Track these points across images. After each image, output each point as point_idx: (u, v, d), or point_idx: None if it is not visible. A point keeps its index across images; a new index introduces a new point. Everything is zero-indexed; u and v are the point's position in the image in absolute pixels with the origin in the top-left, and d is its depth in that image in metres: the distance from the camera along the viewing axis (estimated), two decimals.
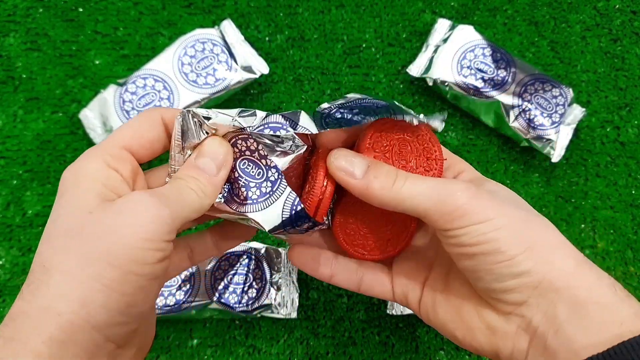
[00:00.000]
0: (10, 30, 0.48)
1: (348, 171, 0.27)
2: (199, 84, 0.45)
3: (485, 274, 0.26)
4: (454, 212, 0.25)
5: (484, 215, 0.25)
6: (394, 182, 0.26)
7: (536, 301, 0.25)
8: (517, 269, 0.25)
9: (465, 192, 0.26)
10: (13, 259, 0.46)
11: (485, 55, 0.46)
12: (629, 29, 0.50)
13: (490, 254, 0.25)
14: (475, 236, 0.25)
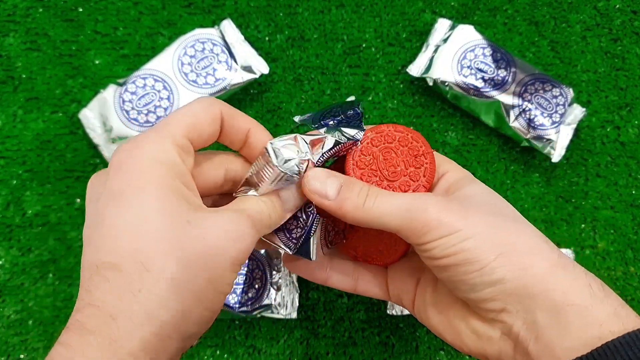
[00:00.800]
0: (10, 30, 0.48)
1: (321, 193, 0.27)
2: (199, 84, 0.45)
3: (461, 284, 0.26)
4: (423, 228, 0.26)
5: (452, 227, 0.25)
6: (364, 201, 0.27)
7: (514, 308, 0.25)
8: (490, 277, 0.25)
9: (435, 206, 0.26)
10: (13, 259, 0.46)
11: (486, 55, 0.46)
12: (629, 28, 0.50)
13: (462, 265, 0.25)
14: (445, 248, 0.25)
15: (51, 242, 0.46)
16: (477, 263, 0.25)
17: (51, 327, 0.45)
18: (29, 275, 0.45)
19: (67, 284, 0.45)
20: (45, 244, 0.46)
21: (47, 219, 0.46)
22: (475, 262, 0.25)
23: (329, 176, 0.27)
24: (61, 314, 0.45)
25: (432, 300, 0.30)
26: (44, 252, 0.46)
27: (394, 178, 0.29)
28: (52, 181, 0.47)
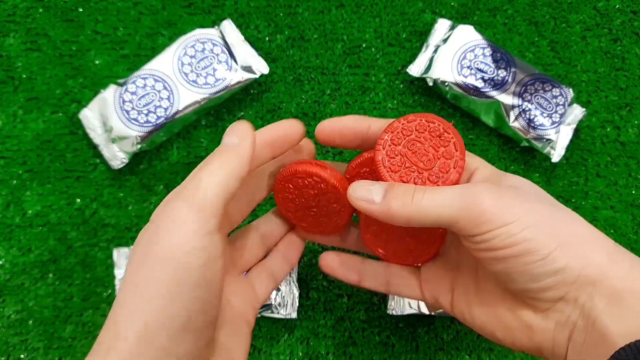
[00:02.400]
0: (10, 30, 0.48)
1: (368, 199, 0.27)
2: (199, 84, 0.45)
3: (519, 275, 0.25)
4: (479, 217, 0.24)
5: (511, 215, 0.24)
6: (412, 197, 0.26)
7: (574, 296, 0.25)
8: (553, 266, 0.24)
9: (489, 194, 0.25)
10: (13, 259, 0.46)
11: (486, 55, 0.46)
12: (629, 29, 0.50)
13: (523, 255, 0.24)
14: (505, 238, 0.24)
15: (51, 242, 0.46)
16: (539, 253, 0.24)
17: (51, 327, 0.45)
18: (29, 275, 0.45)
19: (67, 283, 0.45)
20: (46, 244, 0.46)
21: (47, 219, 0.46)
22: (536, 251, 0.24)
23: (373, 183, 0.27)
24: (61, 314, 0.45)
25: (477, 298, 0.29)
26: (44, 252, 0.46)
27: (430, 165, 0.29)
28: (52, 181, 0.47)
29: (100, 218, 0.46)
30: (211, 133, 0.48)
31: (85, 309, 0.45)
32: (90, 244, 0.46)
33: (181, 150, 0.48)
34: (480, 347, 0.45)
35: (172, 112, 0.44)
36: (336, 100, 0.49)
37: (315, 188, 0.31)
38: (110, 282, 0.45)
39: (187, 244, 0.23)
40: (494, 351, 0.45)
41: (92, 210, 0.46)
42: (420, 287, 0.32)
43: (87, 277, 0.46)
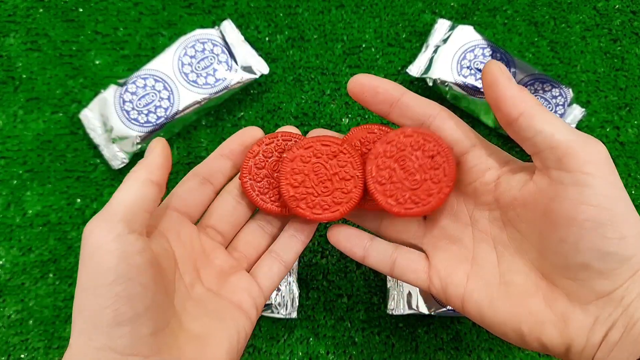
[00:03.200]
0: (10, 31, 0.49)
1: (506, 73, 0.27)
2: (199, 84, 0.45)
3: (589, 248, 0.24)
4: (590, 153, 0.24)
5: (614, 176, 0.24)
6: (539, 108, 0.26)
7: (621, 294, 0.24)
8: (624, 250, 0.23)
9: (604, 148, 0.25)
10: (13, 259, 0.46)
11: (485, 55, 0.46)
12: (628, 29, 0.50)
13: (604, 226, 0.23)
14: (600, 194, 0.23)
15: (52, 242, 0.46)
16: (619, 231, 0.23)
17: (51, 327, 0.45)
18: (29, 275, 0.46)
19: (67, 283, 0.46)
20: (46, 243, 0.46)
21: (48, 219, 0.46)
22: (617, 228, 0.23)
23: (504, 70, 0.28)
24: (62, 314, 0.45)
25: (503, 290, 0.27)
26: (44, 252, 0.46)
27: (416, 186, 0.29)
28: (52, 181, 0.47)
29: None
30: (211, 133, 0.48)
31: None
32: None
33: (181, 150, 0.48)
34: (479, 347, 0.45)
35: (173, 112, 0.44)
36: (336, 101, 0.49)
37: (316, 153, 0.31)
38: None
39: (97, 248, 0.24)
40: (494, 351, 0.45)
41: (92, 210, 0.47)
42: (428, 274, 0.30)
43: None
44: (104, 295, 0.24)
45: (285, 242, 0.33)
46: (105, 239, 0.24)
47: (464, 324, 0.45)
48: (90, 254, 0.24)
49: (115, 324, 0.23)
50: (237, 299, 0.30)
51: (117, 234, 0.24)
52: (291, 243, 0.33)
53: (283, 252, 0.32)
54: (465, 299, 0.28)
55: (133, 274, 0.24)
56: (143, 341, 0.24)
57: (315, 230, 0.34)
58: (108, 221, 0.24)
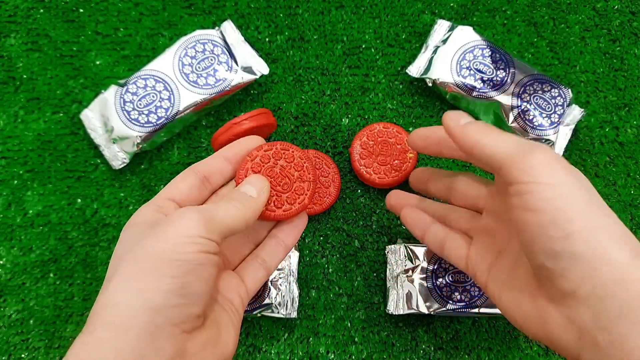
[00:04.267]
0: (11, 31, 0.49)
1: (456, 120, 0.30)
2: (200, 85, 0.45)
3: (540, 249, 0.25)
4: (527, 164, 0.26)
5: (553, 178, 0.25)
6: (482, 131, 0.29)
7: (586, 294, 0.24)
8: (571, 248, 0.24)
9: (545, 152, 0.26)
10: (14, 259, 0.46)
11: (485, 55, 0.46)
12: (627, 29, 0.50)
13: (548, 225, 0.24)
14: (538, 199, 0.25)
15: (52, 241, 0.46)
16: (563, 228, 0.24)
17: (52, 327, 0.45)
18: (30, 275, 0.46)
19: (68, 283, 0.46)
20: (46, 243, 0.46)
21: (48, 219, 0.46)
22: (560, 225, 0.24)
23: (465, 114, 0.31)
24: (62, 314, 0.45)
25: (507, 282, 0.30)
26: (45, 252, 0.46)
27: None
28: (53, 181, 0.47)
29: (101, 218, 0.47)
30: (211, 133, 0.48)
31: (86, 308, 0.45)
32: (91, 243, 0.46)
33: (182, 150, 0.48)
34: (479, 347, 0.45)
35: (173, 112, 0.44)
36: (336, 101, 0.49)
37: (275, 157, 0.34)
38: None
39: (187, 236, 0.26)
40: (493, 351, 0.45)
41: (92, 210, 0.47)
42: (466, 259, 0.34)
43: (87, 277, 0.46)
44: (178, 267, 0.25)
45: (271, 249, 0.35)
46: (197, 234, 0.26)
47: (463, 323, 0.45)
48: (177, 234, 0.26)
49: (178, 295, 0.25)
50: (230, 296, 0.32)
51: (208, 238, 0.27)
52: (277, 250, 0.35)
53: (268, 258, 0.35)
54: (487, 285, 0.32)
55: (205, 264, 0.27)
56: (189, 318, 0.26)
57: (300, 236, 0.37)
58: (209, 228, 0.27)
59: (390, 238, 0.47)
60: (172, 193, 0.32)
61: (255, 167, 0.33)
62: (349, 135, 0.48)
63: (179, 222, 0.27)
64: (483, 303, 0.42)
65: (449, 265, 0.42)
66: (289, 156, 0.34)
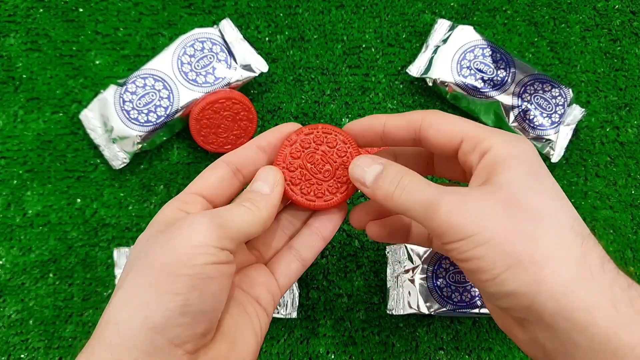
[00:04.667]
0: (10, 31, 0.49)
1: (361, 180, 0.28)
2: (199, 83, 0.45)
3: (481, 290, 0.25)
4: (437, 229, 0.24)
5: (463, 231, 0.24)
6: (393, 190, 0.27)
7: (535, 321, 0.23)
8: (503, 289, 0.23)
9: (447, 205, 0.24)
10: (13, 259, 0.46)
11: (485, 55, 0.46)
12: (628, 29, 0.50)
13: (475, 272, 0.24)
14: (459, 253, 0.24)
15: (52, 242, 0.46)
16: (488, 273, 0.23)
17: (52, 327, 0.45)
18: (29, 275, 0.46)
19: (67, 283, 0.46)
20: (46, 243, 0.46)
21: (48, 219, 0.46)
22: (486, 271, 0.23)
23: (372, 163, 0.28)
24: (62, 314, 0.45)
25: None
26: (44, 252, 0.46)
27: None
28: (52, 181, 0.47)
29: (101, 218, 0.46)
30: None
31: (85, 308, 0.45)
32: (91, 243, 0.46)
33: (182, 150, 0.48)
34: (479, 347, 0.45)
35: (172, 111, 0.44)
36: (336, 101, 0.49)
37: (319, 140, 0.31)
38: (110, 282, 0.45)
39: (195, 245, 0.24)
40: (493, 351, 0.45)
41: (92, 210, 0.47)
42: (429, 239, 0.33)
43: (87, 277, 0.46)
44: (183, 283, 0.24)
45: (306, 239, 0.32)
46: (207, 243, 0.24)
47: (463, 323, 0.45)
48: (185, 245, 0.24)
49: (180, 313, 0.23)
50: (256, 293, 0.30)
51: (220, 247, 0.25)
52: (312, 241, 0.32)
53: (303, 249, 0.32)
54: None
55: (215, 277, 0.25)
56: (193, 337, 0.24)
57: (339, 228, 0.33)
58: (221, 235, 0.25)
59: None
60: (201, 186, 0.29)
61: (295, 153, 0.31)
62: None
63: (188, 230, 0.25)
64: (483, 303, 0.42)
65: (449, 265, 0.42)
66: (331, 141, 0.31)
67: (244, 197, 0.28)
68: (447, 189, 0.25)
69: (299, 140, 0.31)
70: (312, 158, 0.31)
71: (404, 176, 0.27)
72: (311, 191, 0.31)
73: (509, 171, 0.25)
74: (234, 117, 0.46)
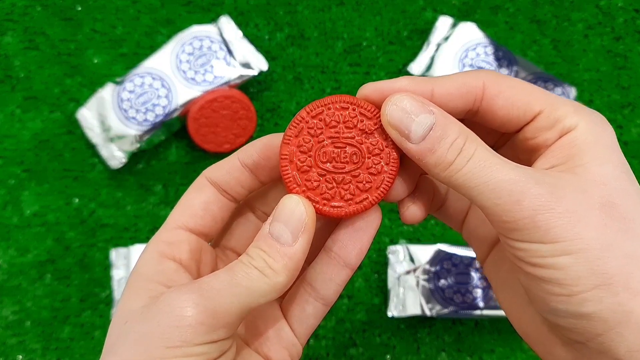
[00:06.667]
0: (7, 29, 0.48)
1: (402, 131, 0.20)
2: (198, 81, 0.44)
3: (541, 301, 0.20)
4: (514, 223, 0.19)
5: (551, 234, 0.19)
6: (452, 160, 0.20)
7: (601, 349, 0.20)
8: (578, 309, 0.19)
9: (534, 200, 0.19)
10: (10, 260, 0.45)
11: (487, 53, 0.46)
12: (631, 27, 0.50)
13: (548, 283, 0.19)
14: (535, 257, 0.19)
15: (49, 242, 0.46)
16: (567, 288, 0.19)
17: (49, 328, 0.45)
18: (26, 276, 0.45)
19: (65, 284, 0.45)
20: (43, 244, 0.46)
21: (45, 219, 0.46)
22: (565, 285, 0.19)
23: (422, 109, 0.20)
24: (59, 315, 0.45)
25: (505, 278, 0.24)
26: (42, 253, 0.45)
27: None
28: (50, 181, 0.46)
29: (99, 218, 0.46)
30: None
31: (83, 309, 0.45)
32: (88, 244, 0.46)
33: (179, 149, 0.47)
34: (481, 349, 0.44)
35: (171, 110, 0.44)
36: None
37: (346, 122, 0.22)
38: (108, 283, 0.45)
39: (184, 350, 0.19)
40: (496, 352, 0.44)
41: (90, 210, 0.46)
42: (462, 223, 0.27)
43: (85, 278, 0.45)
44: None
45: (322, 270, 0.24)
46: (192, 341, 0.19)
47: (465, 325, 0.45)
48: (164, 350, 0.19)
49: None
50: (264, 350, 0.24)
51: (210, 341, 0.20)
52: (330, 271, 0.24)
53: (319, 284, 0.24)
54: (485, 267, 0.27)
55: None
56: None
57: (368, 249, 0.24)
58: (214, 323, 0.20)
59: (392, 239, 0.46)
60: (184, 217, 0.23)
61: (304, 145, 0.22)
62: None
63: (160, 324, 0.19)
64: (486, 304, 0.41)
65: (451, 266, 0.42)
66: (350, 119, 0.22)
67: (255, 251, 0.21)
68: (531, 173, 0.20)
69: (306, 127, 0.22)
70: (327, 152, 0.22)
71: (470, 139, 0.20)
72: (336, 195, 0.22)
73: (602, 165, 0.20)
74: (233, 116, 0.45)
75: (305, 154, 0.22)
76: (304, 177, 0.22)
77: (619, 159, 0.20)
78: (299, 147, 0.22)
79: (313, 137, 0.22)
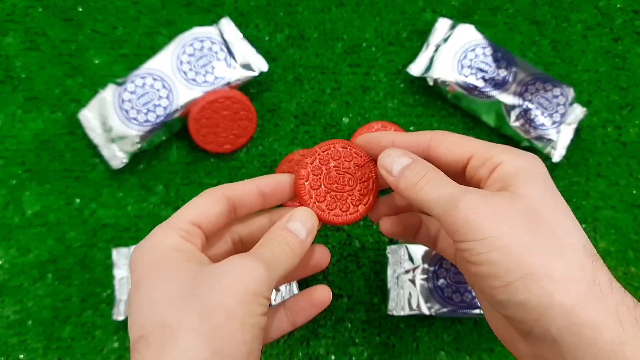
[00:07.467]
0: (8, 30, 0.48)
1: (387, 168, 0.28)
2: (198, 82, 0.44)
3: (489, 297, 0.25)
4: (454, 225, 0.24)
5: (482, 231, 0.24)
6: (416, 183, 0.27)
7: (541, 335, 0.23)
8: (514, 297, 0.23)
9: (468, 203, 0.24)
10: (12, 259, 0.45)
11: (486, 54, 0.46)
12: (630, 28, 0.50)
13: (487, 278, 0.24)
14: (473, 254, 0.24)
15: (50, 242, 0.46)
16: (500, 279, 0.23)
17: (50, 328, 0.45)
18: (28, 276, 0.45)
19: (66, 284, 0.45)
20: (45, 244, 0.46)
21: (46, 219, 0.46)
22: (498, 277, 0.23)
23: (402, 155, 0.28)
24: (60, 314, 0.45)
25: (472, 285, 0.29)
26: (43, 253, 0.46)
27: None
28: (51, 181, 0.46)
29: (100, 218, 0.46)
30: None
31: (84, 309, 0.45)
32: (89, 244, 0.46)
33: (180, 150, 0.47)
34: (481, 348, 0.45)
35: (172, 110, 0.44)
36: (336, 100, 0.48)
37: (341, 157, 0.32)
38: (109, 283, 0.45)
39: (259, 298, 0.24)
40: (495, 352, 0.45)
41: (91, 210, 0.46)
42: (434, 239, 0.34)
43: (86, 278, 0.45)
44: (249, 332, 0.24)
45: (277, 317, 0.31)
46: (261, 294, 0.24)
47: (465, 324, 0.45)
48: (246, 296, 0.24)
49: None
50: None
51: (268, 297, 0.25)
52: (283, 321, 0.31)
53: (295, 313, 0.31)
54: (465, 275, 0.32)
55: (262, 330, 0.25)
56: None
57: None
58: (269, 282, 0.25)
59: (391, 239, 0.46)
60: (200, 218, 0.28)
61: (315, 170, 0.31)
62: (349, 134, 0.48)
63: (242, 277, 0.24)
64: None
65: (450, 265, 0.42)
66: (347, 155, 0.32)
67: (281, 237, 0.28)
68: (470, 188, 0.26)
69: (319, 158, 0.31)
70: (332, 174, 0.31)
71: (431, 171, 0.27)
72: (337, 207, 0.31)
73: (527, 184, 0.26)
74: (234, 116, 0.45)
75: (316, 176, 0.31)
76: (315, 193, 0.31)
77: (545, 182, 0.26)
78: (312, 171, 0.31)
79: (322, 165, 0.31)
